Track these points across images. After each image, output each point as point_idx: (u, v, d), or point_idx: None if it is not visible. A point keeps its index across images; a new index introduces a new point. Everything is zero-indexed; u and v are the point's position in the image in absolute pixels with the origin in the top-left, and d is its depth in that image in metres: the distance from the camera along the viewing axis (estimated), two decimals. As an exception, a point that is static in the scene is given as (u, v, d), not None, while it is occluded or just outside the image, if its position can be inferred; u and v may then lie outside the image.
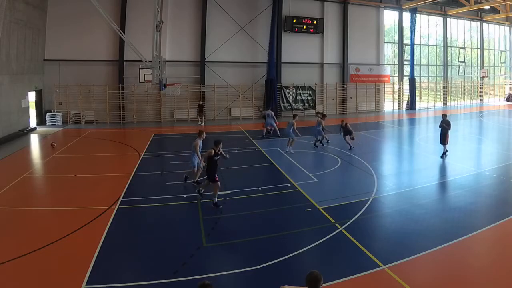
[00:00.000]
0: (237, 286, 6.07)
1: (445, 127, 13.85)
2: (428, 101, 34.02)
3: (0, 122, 17.51)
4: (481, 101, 37.26)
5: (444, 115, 14.36)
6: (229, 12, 25.01)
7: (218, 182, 9.26)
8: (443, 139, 13.88)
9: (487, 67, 37.22)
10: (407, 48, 31.56)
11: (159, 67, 16.43)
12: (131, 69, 22.44)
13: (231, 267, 6.50)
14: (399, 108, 31.99)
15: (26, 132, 19.71)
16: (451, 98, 35.31)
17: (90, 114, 23.21)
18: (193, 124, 23.86)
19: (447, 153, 13.99)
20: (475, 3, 30.46)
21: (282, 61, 26.48)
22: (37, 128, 21.09)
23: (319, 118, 16.55)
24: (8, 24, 17.44)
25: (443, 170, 12.88)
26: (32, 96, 21.74)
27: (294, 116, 16.23)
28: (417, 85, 32.12)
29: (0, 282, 5.91)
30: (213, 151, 9.19)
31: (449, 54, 34.98)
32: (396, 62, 32.30)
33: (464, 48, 36.33)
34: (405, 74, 32.10)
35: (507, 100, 38.19)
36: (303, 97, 27.40)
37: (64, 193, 10.37)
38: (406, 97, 32.10)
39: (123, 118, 23.79)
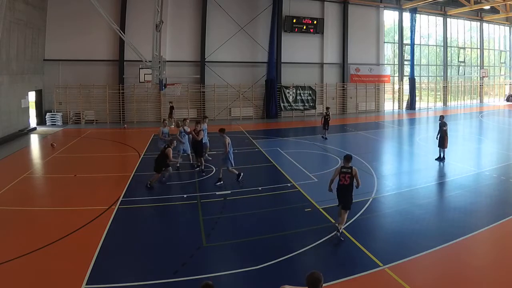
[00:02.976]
0: (237, 286, 6.05)
1: (443, 129, 13.39)
2: (428, 101, 33.95)
3: (0, 122, 17.47)
4: (481, 101, 37.18)
5: (442, 117, 13.77)
6: (229, 12, 24.96)
7: None
8: (442, 143, 13.40)
9: (487, 67, 37.15)
10: (407, 48, 31.50)
11: (159, 67, 16.38)
12: (131, 69, 22.37)
13: (231, 267, 6.47)
14: (399, 108, 31.94)
15: (26, 132, 19.65)
16: (451, 98, 35.24)
17: (90, 114, 23.17)
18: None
19: (444, 159, 13.42)
20: (475, 3, 30.41)
21: (282, 61, 26.44)
22: (37, 128, 21.05)
23: (224, 137, 10.90)
24: (8, 24, 17.41)
25: (443, 170, 12.82)
26: (32, 96, 21.68)
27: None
28: (417, 85, 32.06)
29: (0, 282, 5.90)
30: None
31: (449, 54, 34.91)
32: (396, 62, 32.24)
33: (464, 48, 36.27)
34: (405, 74, 32.04)
35: (507, 100, 38.11)
36: (303, 97, 27.34)
37: (64, 193, 10.34)
38: (406, 97, 32.04)
39: (123, 118, 23.75)
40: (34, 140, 18.36)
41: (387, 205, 9.41)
